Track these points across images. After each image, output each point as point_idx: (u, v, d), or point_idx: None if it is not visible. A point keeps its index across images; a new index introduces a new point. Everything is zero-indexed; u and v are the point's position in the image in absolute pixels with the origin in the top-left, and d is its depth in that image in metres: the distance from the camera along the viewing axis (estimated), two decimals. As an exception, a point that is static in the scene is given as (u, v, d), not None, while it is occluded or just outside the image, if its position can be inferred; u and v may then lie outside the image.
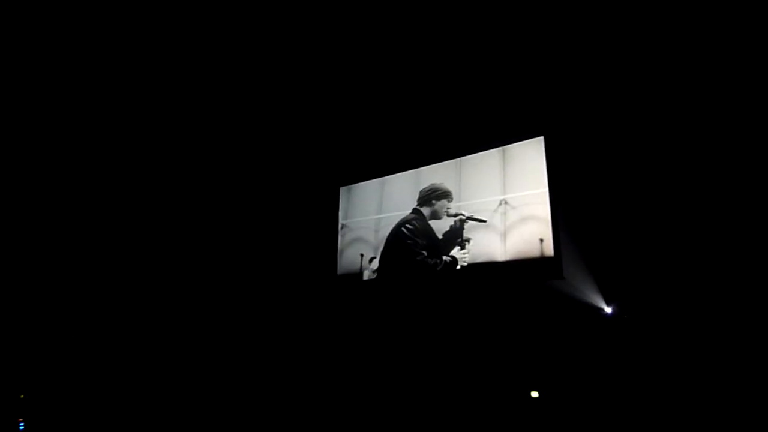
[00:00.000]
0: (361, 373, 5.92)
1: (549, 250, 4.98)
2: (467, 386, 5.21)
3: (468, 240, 5.52)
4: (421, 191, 6.00)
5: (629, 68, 4.91)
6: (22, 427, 5.84)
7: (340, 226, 6.64)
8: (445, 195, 5.81)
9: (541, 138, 5.26)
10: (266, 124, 6.63)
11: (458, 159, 5.84)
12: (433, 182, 5.95)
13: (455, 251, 5.57)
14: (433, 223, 5.83)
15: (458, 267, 5.52)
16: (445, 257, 5.62)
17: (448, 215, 5.73)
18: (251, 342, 6.51)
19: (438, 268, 5.64)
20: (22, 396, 5.96)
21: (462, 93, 5.73)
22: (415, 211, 5.99)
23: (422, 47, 5.40)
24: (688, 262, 4.49)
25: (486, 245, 5.40)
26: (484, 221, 5.45)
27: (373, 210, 6.40)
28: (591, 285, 4.85)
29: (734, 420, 3.95)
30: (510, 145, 5.49)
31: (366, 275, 6.24)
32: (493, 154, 5.59)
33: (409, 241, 5.91)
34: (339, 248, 6.57)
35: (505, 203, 5.36)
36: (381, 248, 6.18)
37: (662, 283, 4.56)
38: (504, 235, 5.30)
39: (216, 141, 6.75)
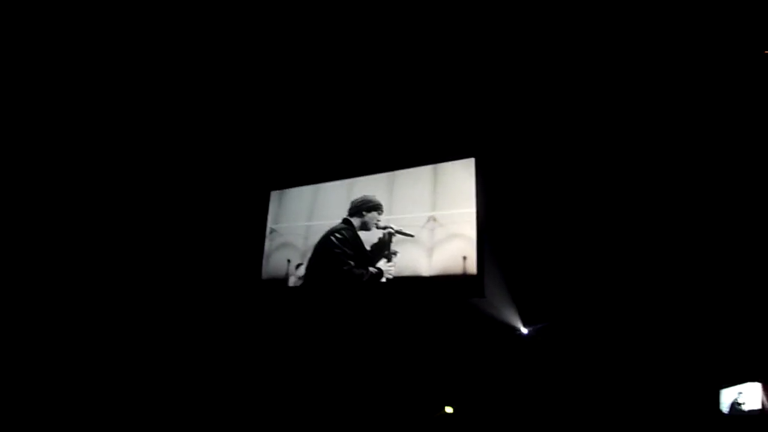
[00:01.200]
0: (277, 379, 5.83)
1: (472, 268, 5.09)
2: (383, 399, 5.26)
3: (395, 253, 5.56)
4: (352, 202, 6.01)
5: (558, 96, 5.14)
6: None
7: (268, 230, 6.53)
8: (375, 207, 5.84)
9: (472, 159, 5.39)
10: (204, 123, 6.45)
11: (391, 173, 5.89)
12: (365, 194, 5.96)
13: (382, 263, 5.60)
14: (362, 234, 5.84)
15: (384, 279, 5.55)
16: (371, 268, 5.63)
17: (378, 227, 5.75)
18: (167, 344, 6.25)
19: (364, 279, 5.64)
20: None
21: (399, 109, 5.80)
22: (345, 221, 5.98)
23: (361, 60, 5.44)
24: (607, 288, 4.73)
25: (412, 259, 5.46)
26: (412, 236, 5.51)
27: (304, 216, 6.34)
28: (510, 305, 5.02)
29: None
30: (442, 164, 5.59)
31: (291, 281, 6.16)
32: (425, 170, 5.68)
33: (337, 250, 5.90)
34: (266, 252, 6.46)
35: (434, 220, 5.44)
36: (309, 255, 6.13)
37: (579, 307, 4.78)
38: (430, 251, 5.38)
39: (143, 137, 6.48)
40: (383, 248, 5.65)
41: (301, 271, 6.14)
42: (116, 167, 6.50)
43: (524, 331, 4.94)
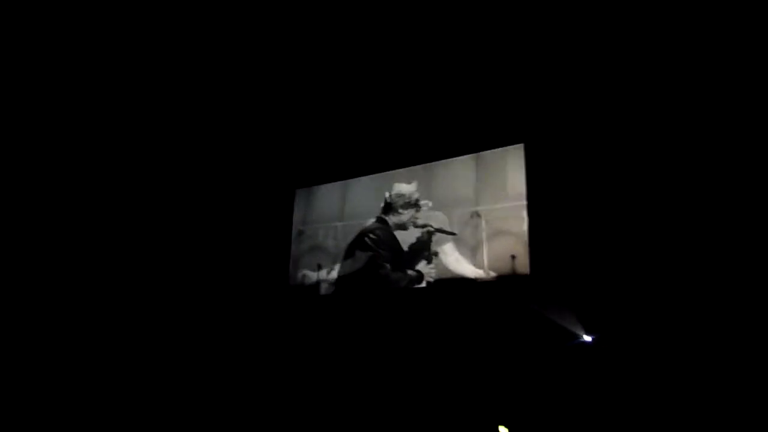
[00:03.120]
0: (311, 394, 5.48)
1: (524, 268, 4.73)
2: (430, 416, 4.82)
3: (435, 253, 5.27)
4: (387, 198, 5.73)
5: (618, 74, 4.68)
6: None
7: (296, 232, 6.30)
8: (412, 204, 5.55)
9: (521, 146, 5.00)
10: (225, 118, 6.27)
11: (428, 164, 5.58)
12: (400, 189, 5.68)
13: (421, 265, 5.32)
14: (398, 233, 5.57)
15: (424, 283, 5.27)
16: (410, 271, 5.37)
17: (415, 226, 5.47)
18: (193, 352, 6.01)
19: (402, 284, 5.38)
20: None
21: (435, 93, 5.46)
22: (379, 219, 5.71)
23: (393, 44, 5.14)
24: (673, 286, 4.21)
25: (455, 260, 5.17)
26: (454, 234, 5.21)
27: (334, 216, 6.09)
28: (570, 309, 4.54)
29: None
30: (484, 152, 5.24)
31: (323, 288, 5.91)
32: (466, 160, 5.34)
33: (371, 253, 5.66)
34: (294, 256, 6.24)
35: (477, 215, 5.12)
36: (341, 259, 5.89)
37: (651, 308, 4.25)
38: (475, 250, 5.05)
39: (161, 134, 6.35)
40: (422, 249, 5.38)
41: (333, 276, 5.90)
42: (136, 168, 6.43)
43: (587, 338, 4.44)
